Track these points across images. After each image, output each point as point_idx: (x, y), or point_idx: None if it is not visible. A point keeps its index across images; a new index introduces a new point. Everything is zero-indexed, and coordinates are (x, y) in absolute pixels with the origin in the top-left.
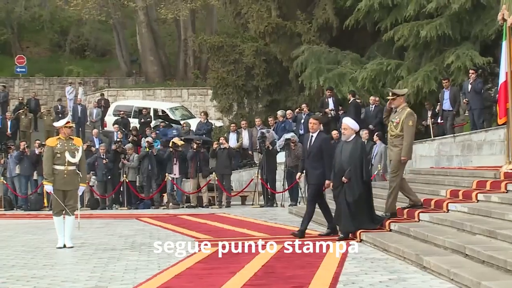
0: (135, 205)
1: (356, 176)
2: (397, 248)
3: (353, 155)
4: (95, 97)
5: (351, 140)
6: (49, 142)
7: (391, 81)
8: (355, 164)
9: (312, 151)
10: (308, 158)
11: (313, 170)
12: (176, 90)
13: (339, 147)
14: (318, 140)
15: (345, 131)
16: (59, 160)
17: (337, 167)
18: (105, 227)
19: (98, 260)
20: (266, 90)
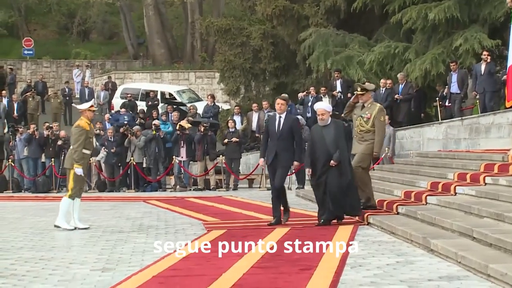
0: (143, 187)
1: (345, 159)
2: (404, 231)
3: (339, 138)
4: (102, 80)
5: (330, 124)
6: (84, 125)
7: (399, 64)
8: (342, 147)
9: (282, 133)
10: (278, 140)
11: (285, 152)
12: (183, 73)
13: (317, 132)
14: (288, 121)
15: (323, 116)
16: (89, 144)
17: (320, 153)
18: (112, 210)
19: (105, 243)
20: (274, 73)
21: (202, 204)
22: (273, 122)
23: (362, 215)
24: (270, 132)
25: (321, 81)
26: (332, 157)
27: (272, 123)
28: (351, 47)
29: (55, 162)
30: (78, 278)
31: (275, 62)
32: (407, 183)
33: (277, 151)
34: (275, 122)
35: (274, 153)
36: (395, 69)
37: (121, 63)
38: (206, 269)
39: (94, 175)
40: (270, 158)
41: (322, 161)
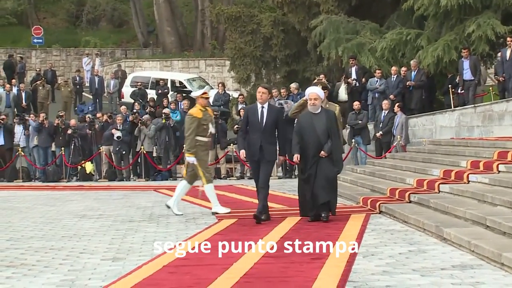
0: (153, 176)
1: (337, 149)
2: (417, 220)
3: (331, 127)
4: (112, 68)
5: (321, 112)
6: (195, 113)
7: (411, 51)
8: (335, 136)
9: (266, 125)
10: (262, 133)
11: (270, 145)
12: (193, 61)
13: (307, 120)
14: (272, 112)
15: (316, 102)
16: (204, 131)
17: (310, 143)
18: (123, 199)
19: (116, 232)
20: (284, 60)
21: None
22: (254, 112)
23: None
24: (251, 124)
25: (332, 68)
26: (322, 148)
27: (253, 114)
28: (363, 34)
29: (65, 151)
30: (89, 268)
31: (286, 50)
32: (420, 171)
33: (262, 144)
34: (256, 113)
35: (258, 147)
36: (407, 56)
37: (131, 51)
38: (217, 259)
39: (105, 164)
40: (253, 152)
41: (312, 152)
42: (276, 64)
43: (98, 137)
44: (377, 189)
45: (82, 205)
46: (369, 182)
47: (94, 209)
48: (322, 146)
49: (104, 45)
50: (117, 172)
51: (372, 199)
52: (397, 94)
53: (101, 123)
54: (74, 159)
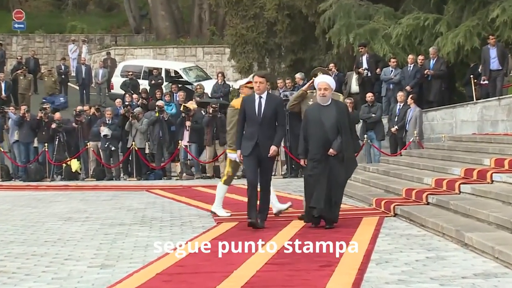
0: (145, 175)
1: (348, 148)
2: (435, 223)
3: (342, 122)
4: (101, 57)
5: (331, 104)
6: (238, 104)
7: (429, 37)
8: (346, 133)
9: (265, 117)
10: (260, 126)
11: (269, 141)
12: (190, 49)
13: (314, 114)
14: (271, 103)
15: (325, 92)
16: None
17: (319, 139)
18: (112, 200)
19: (104, 236)
20: (290, 48)
21: (211, 194)
22: (251, 104)
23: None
24: (248, 116)
25: (343, 57)
26: (331, 145)
27: (250, 105)
28: (376, 19)
29: (48, 147)
30: (74, 276)
31: (292, 36)
32: (438, 170)
33: (259, 140)
34: (253, 104)
35: (254, 142)
36: (424, 43)
37: (122, 38)
38: (215, 266)
39: (92, 162)
40: (248, 147)
41: (319, 150)
42: (281, 52)
43: (85, 132)
44: (391, 190)
45: (67, 207)
46: (383, 182)
47: (80, 211)
48: (331, 143)
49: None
50: (106, 171)
51: (386, 201)
52: (413, 85)
53: (89, 116)
54: (59, 156)
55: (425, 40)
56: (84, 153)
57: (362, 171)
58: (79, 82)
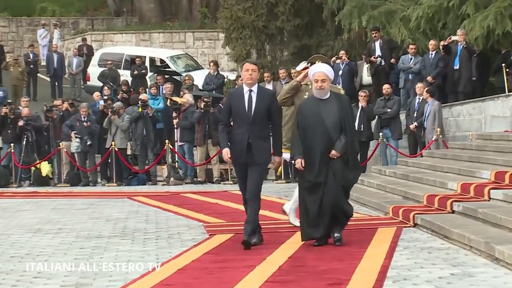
0: (127, 180)
1: (353, 149)
2: (461, 235)
3: (345, 118)
4: (75, 43)
5: (330, 97)
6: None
7: (454, 20)
8: (350, 130)
9: (257, 115)
10: (250, 126)
11: (261, 142)
12: (178, 34)
13: (312, 109)
14: (264, 97)
15: (324, 84)
16: None
17: (316, 140)
18: (88, 209)
19: (80, 251)
20: (294, 33)
21: (202, 201)
22: (240, 98)
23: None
24: (236, 114)
25: (354, 43)
26: (333, 145)
27: (238, 100)
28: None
29: (15, 148)
30: None
31: (296, 19)
32: (465, 173)
33: (250, 141)
34: (243, 99)
35: (245, 145)
36: (449, 27)
37: (99, 22)
38: (207, 285)
39: (65, 165)
40: (239, 151)
41: (319, 152)
42: (283, 37)
43: (57, 131)
44: (411, 196)
45: (37, 217)
46: (401, 187)
47: (52, 221)
48: (333, 143)
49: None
50: (81, 175)
51: (404, 209)
52: (435, 75)
53: (61, 112)
54: (27, 159)
55: (450, 23)
56: (56, 155)
57: (377, 175)
58: (50, 73)
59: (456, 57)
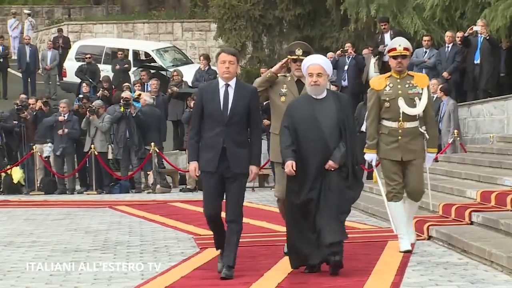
0: (108, 187)
1: (355, 159)
2: (480, 249)
3: (344, 121)
4: (50, 34)
5: (327, 96)
6: (375, 83)
7: (473, 9)
8: (351, 138)
9: (234, 115)
10: (226, 128)
11: (239, 148)
12: (165, 24)
13: (304, 110)
14: (243, 94)
15: (319, 79)
16: (389, 112)
17: (312, 146)
18: (65, 219)
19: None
20: (294, 23)
21: (192, 211)
22: (213, 94)
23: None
24: (207, 113)
25: (362, 34)
26: (330, 155)
27: (212, 97)
28: None
29: None
30: None
31: (296, 8)
32: (486, 179)
33: (225, 146)
34: (217, 95)
35: (219, 150)
36: (467, 16)
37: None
38: None
39: (39, 170)
40: (211, 159)
41: (313, 162)
42: (283, 28)
43: (29, 133)
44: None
45: (8, 228)
46: None
47: (24, 233)
48: (330, 152)
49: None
50: (58, 182)
51: (418, 220)
52: (452, 70)
53: (34, 112)
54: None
55: (468, 12)
56: (29, 159)
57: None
58: (22, 68)
59: (477, 50)
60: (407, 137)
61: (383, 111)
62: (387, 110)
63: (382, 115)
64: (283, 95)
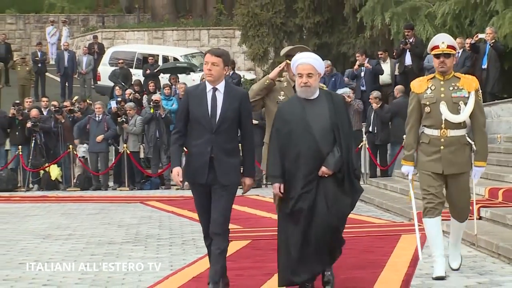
0: (140, 184)
1: (350, 165)
2: (489, 242)
3: (339, 124)
4: (85, 41)
5: (320, 97)
6: (415, 85)
7: (482, 17)
8: (346, 139)
9: (223, 120)
10: (214, 135)
11: (228, 157)
12: (192, 31)
13: (294, 112)
14: (233, 98)
15: (310, 80)
16: (430, 118)
17: (303, 152)
18: (99, 214)
19: (90, 258)
20: (313, 30)
21: None
22: (200, 99)
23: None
24: (193, 119)
25: (377, 41)
26: (323, 161)
27: (199, 101)
28: None
29: (23, 151)
30: None
31: (316, 16)
32: (493, 177)
33: (213, 155)
34: (204, 100)
35: (206, 160)
36: (476, 24)
37: (110, 19)
38: None
39: (76, 168)
40: (198, 168)
41: (304, 169)
42: (303, 35)
43: (66, 132)
44: None
45: (46, 222)
46: None
47: (61, 227)
48: (323, 158)
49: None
50: (93, 179)
51: None
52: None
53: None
54: (35, 161)
55: (477, 20)
56: (66, 157)
57: (400, 179)
58: (60, 72)
59: (485, 56)
60: (451, 147)
61: (424, 117)
62: (428, 116)
63: (423, 122)
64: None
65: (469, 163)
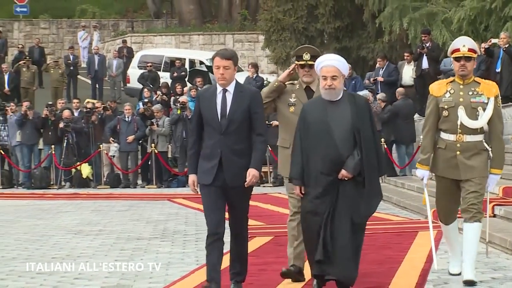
0: (167, 182)
1: (371, 168)
2: (503, 239)
3: (360, 126)
4: (115, 45)
5: (342, 98)
6: (434, 88)
7: (496, 22)
8: (368, 144)
9: (231, 121)
10: (224, 136)
11: (237, 158)
12: (218, 36)
13: (317, 116)
14: (242, 99)
15: (334, 83)
16: (447, 122)
17: (325, 154)
18: (128, 210)
19: (120, 252)
20: (334, 35)
21: None
22: (210, 100)
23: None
24: (205, 121)
25: (395, 45)
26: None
27: (209, 103)
28: (434, 2)
29: (55, 150)
30: None
31: (336, 21)
32: (507, 176)
33: (224, 157)
34: (214, 101)
35: (216, 162)
36: (491, 29)
37: (139, 23)
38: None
39: (106, 167)
40: (208, 171)
41: (325, 170)
42: (324, 39)
43: (97, 132)
44: None
45: (77, 218)
46: None
47: (92, 223)
48: (343, 160)
49: (105, 16)
50: (122, 177)
51: None
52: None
53: (101, 114)
54: (67, 160)
55: (492, 25)
56: (96, 156)
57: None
58: (91, 75)
59: (498, 60)
60: (467, 153)
61: (441, 121)
62: (445, 120)
63: (440, 125)
64: (292, 105)
65: (486, 168)
